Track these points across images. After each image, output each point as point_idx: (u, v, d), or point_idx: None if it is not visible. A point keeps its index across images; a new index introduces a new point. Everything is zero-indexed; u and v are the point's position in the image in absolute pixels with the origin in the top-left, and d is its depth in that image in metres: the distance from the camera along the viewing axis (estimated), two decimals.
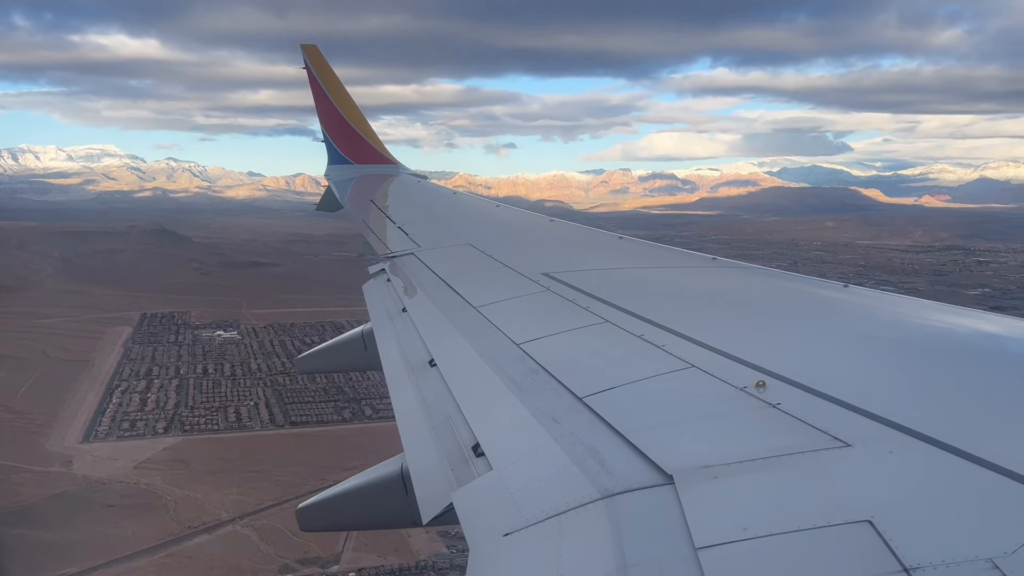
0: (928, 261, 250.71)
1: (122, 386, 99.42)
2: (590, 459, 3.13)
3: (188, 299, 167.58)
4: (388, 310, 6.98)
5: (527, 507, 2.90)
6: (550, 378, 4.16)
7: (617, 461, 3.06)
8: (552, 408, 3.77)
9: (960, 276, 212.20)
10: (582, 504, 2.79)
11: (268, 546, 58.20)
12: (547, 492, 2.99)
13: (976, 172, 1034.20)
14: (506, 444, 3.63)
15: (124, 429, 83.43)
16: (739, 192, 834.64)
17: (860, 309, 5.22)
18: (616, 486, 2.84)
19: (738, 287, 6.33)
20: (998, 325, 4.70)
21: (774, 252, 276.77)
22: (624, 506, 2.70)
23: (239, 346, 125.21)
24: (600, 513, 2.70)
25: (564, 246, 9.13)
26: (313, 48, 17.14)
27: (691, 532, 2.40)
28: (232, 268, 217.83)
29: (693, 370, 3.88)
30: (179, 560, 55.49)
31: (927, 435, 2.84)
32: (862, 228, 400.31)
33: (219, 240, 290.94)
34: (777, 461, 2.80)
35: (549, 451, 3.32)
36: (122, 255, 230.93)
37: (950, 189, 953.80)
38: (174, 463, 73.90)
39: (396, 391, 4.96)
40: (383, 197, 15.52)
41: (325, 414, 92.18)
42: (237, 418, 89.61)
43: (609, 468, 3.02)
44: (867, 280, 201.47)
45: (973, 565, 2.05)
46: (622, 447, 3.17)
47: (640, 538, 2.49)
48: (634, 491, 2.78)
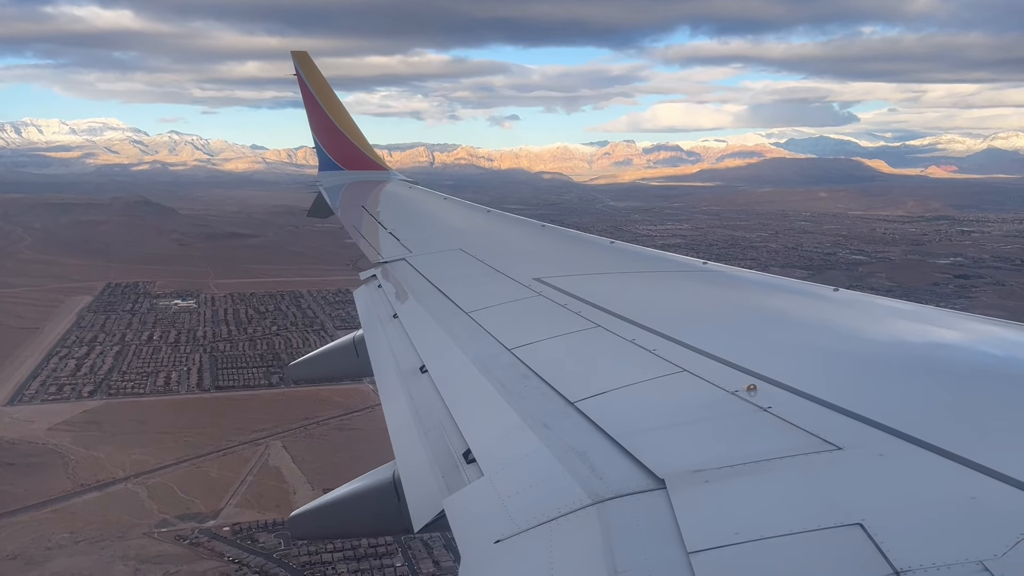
0: (911, 231, 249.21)
1: (62, 352, 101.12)
2: (581, 465, 3.12)
3: (157, 269, 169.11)
4: (379, 316, 6.93)
5: (518, 514, 2.88)
6: (542, 383, 4.16)
7: (609, 466, 3.04)
8: (543, 413, 3.78)
9: (937, 246, 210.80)
10: (573, 511, 2.77)
11: (153, 503, 59.67)
12: (538, 498, 2.97)
13: (985, 142, 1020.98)
14: (497, 450, 3.64)
15: (51, 393, 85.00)
16: (741, 163, 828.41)
17: (850, 313, 5.24)
18: (607, 492, 2.83)
19: (729, 291, 6.34)
20: (988, 330, 4.69)
21: (759, 223, 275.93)
22: (615, 512, 2.68)
23: (192, 314, 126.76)
24: (591, 519, 2.68)
25: (555, 251, 9.13)
26: (304, 55, 17.35)
27: (683, 536, 2.39)
28: (210, 239, 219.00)
29: (684, 374, 3.90)
30: (61, 516, 57.00)
31: (917, 438, 2.84)
32: (857, 198, 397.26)
33: (205, 212, 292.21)
34: (768, 464, 2.80)
35: (540, 457, 3.33)
36: (103, 227, 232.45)
37: (958, 160, 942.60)
38: (88, 425, 75.44)
39: (387, 398, 4.95)
40: (374, 203, 15.47)
41: (253, 379, 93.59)
42: (165, 383, 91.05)
43: (601, 473, 3.00)
44: (842, 249, 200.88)
45: (963, 567, 2.05)
46: (614, 451, 3.16)
47: (631, 544, 2.48)
48: (625, 496, 2.76)
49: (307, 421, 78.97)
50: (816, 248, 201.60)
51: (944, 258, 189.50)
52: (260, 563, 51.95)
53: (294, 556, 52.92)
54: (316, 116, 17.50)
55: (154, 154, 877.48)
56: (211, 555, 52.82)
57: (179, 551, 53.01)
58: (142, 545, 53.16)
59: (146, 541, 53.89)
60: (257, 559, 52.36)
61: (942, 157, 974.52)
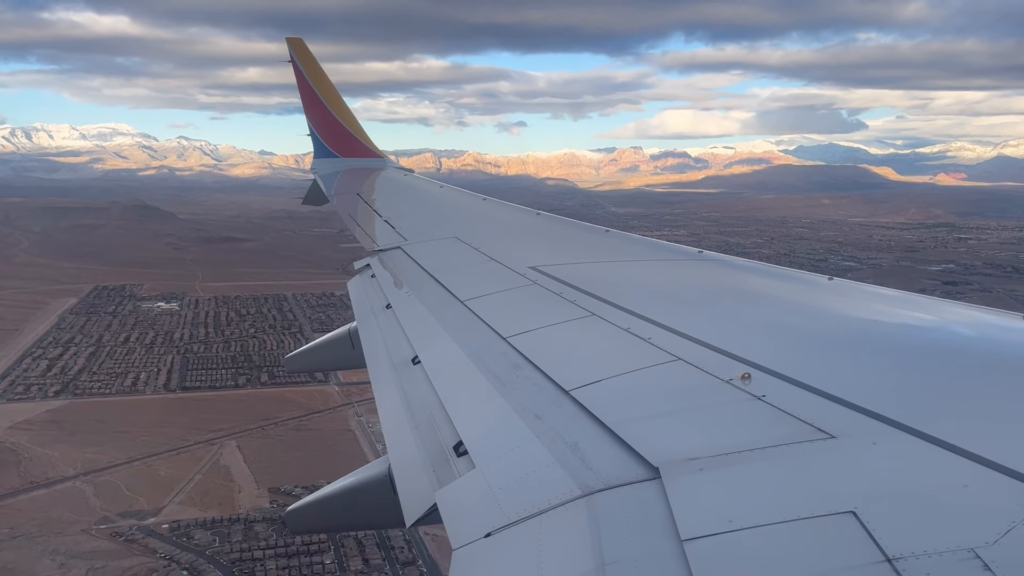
0: (908, 238, 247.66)
1: (36, 353, 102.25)
2: (573, 454, 3.12)
3: (148, 272, 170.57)
4: (372, 307, 6.91)
5: (509, 506, 2.89)
6: (536, 371, 4.17)
7: (600, 456, 3.06)
8: (538, 402, 3.79)
9: (932, 253, 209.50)
10: (563, 503, 2.79)
11: (98, 500, 60.43)
12: (529, 490, 2.98)
13: (995, 150, 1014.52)
14: (489, 442, 3.63)
15: (17, 392, 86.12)
16: (747, 170, 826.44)
17: (844, 302, 5.27)
18: (597, 483, 2.84)
19: (724, 280, 6.34)
20: (982, 319, 4.72)
21: (757, 229, 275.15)
22: (604, 503, 2.70)
23: (173, 317, 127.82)
24: (580, 511, 2.70)
25: (551, 240, 9.11)
26: (298, 41, 17.09)
27: (677, 524, 2.41)
28: (205, 243, 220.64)
29: (679, 363, 3.91)
30: (5, 512, 57.79)
31: (910, 426, 2.86)
32: (859, 205, 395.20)
33: (204, 216, 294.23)
34: (762, 453, 2.81)
35: (532, 448, 3.33)
36: (100, 230, 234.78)
37: (968, 167, 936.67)
38: (48, 424, 76.38)
39: (380, 390, 4.96)
40: (369, 191, 15.36)
41: (220, 380, 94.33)
42: (133, 383, 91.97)
43: (591, 464, 3.01)
44: (835, 255, 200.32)
45: (955, 555, 2.07)
46: (606, 441, 3.17)
47: (620, 535, 2.49)
48: (615, 488, 2.78)
49: (266, 421, 79.61)
50: (808, 254, 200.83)
51: (936, 265, 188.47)
52: (191, 559, 52.49)
53: (225, 553, 53.42)
54: (311, 102, 17.32)
55: (163, 159, 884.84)
56: (143, 551, 53.44)
57: (112, 547, 53.63)
58: (76, 541, 53.86)
59: (82, 537, 54.58)
60: (188, 556, 52.92)
61: (952, 165, 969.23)
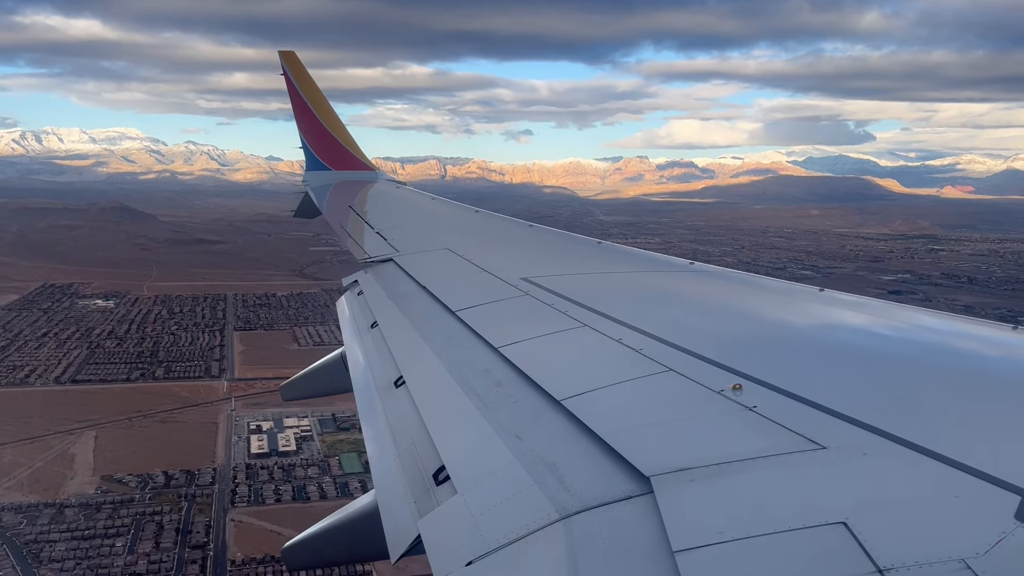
0: (880, 248, 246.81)
1: None
2: (551, 475, 3.11)
3: (103, 271, 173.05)
4: (358, 327, 6.86)
5: (489, 532, 2.85)
6: (524, 386, 4.17)
7: (587, 471, 3.06)
8: (529, 413, 3.79)
9: (896, 263, 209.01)
10: (541, 527, 2.76)
11: None
12: (509, 514, 2.94)
13: (1004, 163, 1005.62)
14: (472, 465, 3.59)
15: None
16: (750, 181, 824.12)
17: (835, 313, 5.30)
18: (578, 502, 2.83)
19: (715, 291, 6.39)
20: (972, 330, 4.75)
21: (733, 238, 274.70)
22: (581, 526, 2.68)
23: (104, 314, 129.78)
24: (558, 536, 2.67)
25: (543, 251, 9.17)
26: (291, 54, 17.22)
27: (668, 535, 2.40)
28: (175, 244, 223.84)
29: (670, 374, 3.91)
30: None
31: (901, 437, 2.88)
32: (848, 216, 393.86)
33: (186, 219, 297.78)
34: (753, 463, 2.82)
35: (512, 470, 3.30)
36: (76, 231, 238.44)
37: (977, 180, 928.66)
38: None
39: (365, 415, 4.89)
40: (361, 203, 15.43)
41: (115, 374, 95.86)
42: (27, 376, 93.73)
43: (574, 481, 3.01)
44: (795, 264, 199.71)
45: (946, 566, 2.06)
46: (595, 453, 3.17)
47: (597, 560, 2.48)
48: (595, 508, 2.76)
49: (137, 414, 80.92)
50: (769, 263, 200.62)
51: (891, 275, 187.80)
52: None
53: (24, 535, 54.64)
54: (303, 116, 17.44)
55: (169, 163, 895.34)
56: None
57: None
58: None
59: None
60: None
61: (960, 177, 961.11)
